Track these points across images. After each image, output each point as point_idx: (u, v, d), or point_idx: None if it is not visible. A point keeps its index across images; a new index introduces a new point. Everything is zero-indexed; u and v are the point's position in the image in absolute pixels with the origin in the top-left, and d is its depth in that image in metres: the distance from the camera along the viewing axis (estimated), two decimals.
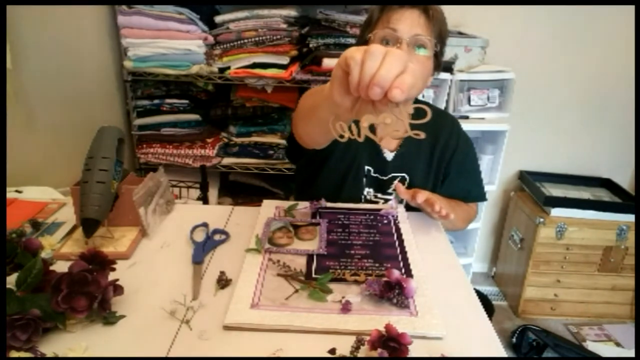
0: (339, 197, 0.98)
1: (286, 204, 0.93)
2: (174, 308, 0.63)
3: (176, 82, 1.70)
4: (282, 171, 1.75)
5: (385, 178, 1.01)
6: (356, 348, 0.56)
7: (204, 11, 1.60)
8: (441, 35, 0.91)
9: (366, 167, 1.01)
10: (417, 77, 0.47)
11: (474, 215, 1.13)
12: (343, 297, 0.65)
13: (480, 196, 1.11)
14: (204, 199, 1.68)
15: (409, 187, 1.00)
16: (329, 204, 0.94)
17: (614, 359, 1.80)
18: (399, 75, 0.45)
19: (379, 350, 0.53)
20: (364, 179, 1.01)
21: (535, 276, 1.95)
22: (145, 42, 1.56)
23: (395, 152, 1.01)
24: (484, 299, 1.97)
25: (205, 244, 0.79)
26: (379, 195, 1.02)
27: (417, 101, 1.05)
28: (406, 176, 1.02)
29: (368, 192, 1.02)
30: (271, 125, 1.72)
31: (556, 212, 1.86)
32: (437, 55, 0.93)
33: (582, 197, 1.95)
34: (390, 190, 1.02)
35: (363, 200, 1.02)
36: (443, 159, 1.04)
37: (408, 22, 0.87)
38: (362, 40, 0.94)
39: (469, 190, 1.09)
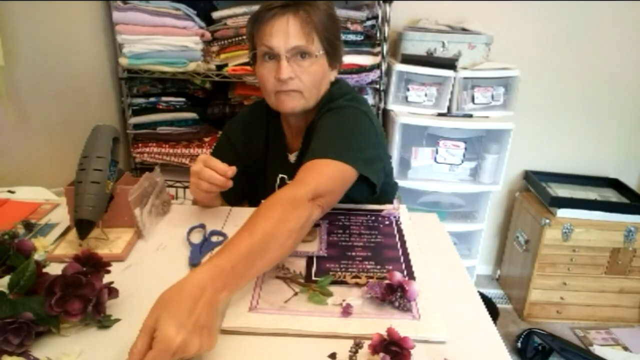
0: None
1: None
2: None
3: (173, 79, 1.69)
4: None
5: None
6: (354, 352, 0.54)
7: (201, 7, 1.59)
8: (324, 31, 0.88)
9: (280, 176, 1.02)
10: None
11: (299, 185, 0.71)
12: (344, 300, 0.64)
13: (323, 152, 0.78)
14: None
15: None
16: None
17: None
18: None
19: (381, 354, 0.53)
20: (276, 188, 1.02)
21: (541, 279, 1.93)
22: (140, 38, 1.54)
23: (296, 152, 1.01)
24: (488, 302, 1.96)
25: (203, 246, 0.78)
26: None
27: (336, 81, 0.98)
28: None
29: None
30: None
31: (562, 213, 1.85)
32: (330, 50, 0.90)
33: (589, 198, 1.93)
34: None
35: None
36: None
37: (281, 36, 0.85)
38: (252, 60, 0.94)
39: (313, 149, 0.81)
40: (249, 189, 1.07)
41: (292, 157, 1.02)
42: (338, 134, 0.85)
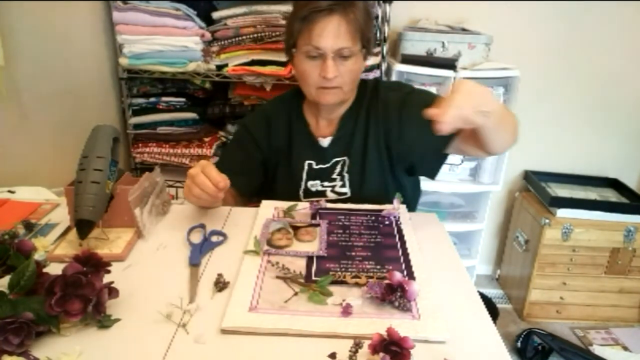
0: (288, 196, 1.00)
1: (285, 204, 0.92)
2: (170, 311, 0.62)
3: (173, 79, 1.69)
4: None
5: (327, 165, 1.03)
6: (354, 352, 0.54)
7: (201, 7, 1.58)
8: (365, 29, 0.92)
9: (307, 162, 1.03)
10: None
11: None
12: (343, 300, 0.64)
13: None
14: None
15: (350, 168, 1.02)
16: (330, 205, 0.93)
17: None
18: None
19: (381, 354, 0.53)
20: (304, 174, 1.04)
21: (541, 279, 1.93)
22: (141, 38, 1.54)
23: (330, 137, 1.03)
24: (488, 302, 1.96)
25: (203, 246, 0.78)
26: (326, 184, 1.04)
27: (363, 81, 1.05)
28: (346, 159, 1.02)
29: (314, 184, 1.04)
30: None
31: (562, 212, 1.84)
32: (367, 46, 0.95)
33: (588, 198, 1.93)
34: (334, 176, 1.03)
35: (305, 195, 1.04)
36: (379, 129, 1.00)
37: (330, 38, 0.88)
38: (288, 51, 0.97)
39: None
40: (267, 181, 1.09)
41: (325, 142, 1.03)
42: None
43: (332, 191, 1.03)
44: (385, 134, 1.00)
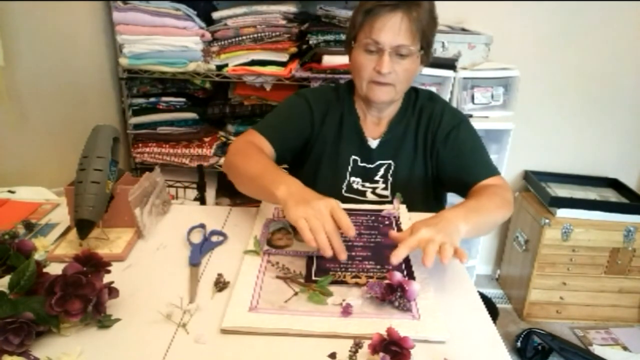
0: (331, 189, 1.00)
1: None
2: (170, 311, 0.62)
3: (173, 79, 1.69)
4: None
5: (371, 166, 1.03)
6: (354, 352, 0.54)
7: (201, 7, 1.59)
8: (427, 31, 0.92)
9: (352, 157, 1.03)
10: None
11: (506, 191, 0.92)
12: (343, 300, 0.64)
13: (491, 171, 0.96)
14: (201, 200, 1.67)
15: (396, 173, 1.02)
16: None
17: None
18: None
19: (381, 354, 0.53)
20: (349, 168, 1.03)
21: (541, 278, 1.93)
22: (141, 38, 1.54)
23: (379, 139, 1.02)
24: (487, 302, 1.95)
25: (203, 246, 0.78)
26: (367, 184, 1.03)
27: (414, 88, 1.06)
28: (392, 163, 1.02)
29: (355, 181, 1.03)
30: None
31: (562, 213, 1.85)
32: (426, 49, 0.95)
33: (588, 198, 1.93)
34: (377, 178, 1.03)
35: (347, 190, 1.03)
36: (427, 139, 1.02)
37: (390, 33, 0.88)
38: (348, 44, 0.98)
39: (474, 169, 0.96)
40: (305, 172, 1.05)
41: (374, 143, 1.02)
42: (483, 150, 1.01)
43: (373, 192, 1.02)
44: (431, 147, 1.01)
